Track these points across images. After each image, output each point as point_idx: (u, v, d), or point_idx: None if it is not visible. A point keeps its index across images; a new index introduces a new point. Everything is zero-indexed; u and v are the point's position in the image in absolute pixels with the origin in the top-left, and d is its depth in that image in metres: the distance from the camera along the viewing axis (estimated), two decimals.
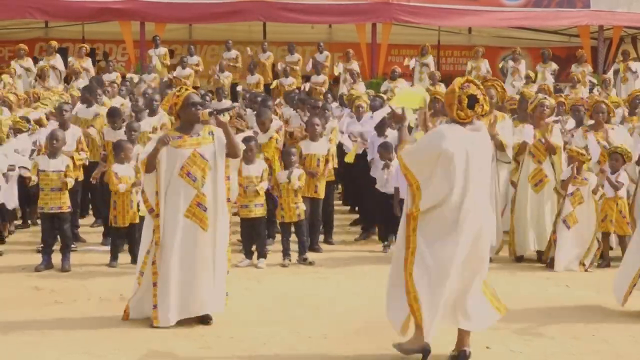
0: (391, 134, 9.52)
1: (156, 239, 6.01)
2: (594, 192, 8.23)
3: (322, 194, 9.00)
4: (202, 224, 5.99)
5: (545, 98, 8.87)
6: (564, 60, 19.93)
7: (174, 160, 5.99)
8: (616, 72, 18.25)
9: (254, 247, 8.35)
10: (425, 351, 5.16)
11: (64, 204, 8.03)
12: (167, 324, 5.94)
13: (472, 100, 5.10)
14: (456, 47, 21.89)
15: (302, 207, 8.46)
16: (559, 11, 19.17)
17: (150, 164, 5.98)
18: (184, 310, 6.01)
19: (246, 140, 8.21)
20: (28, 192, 9.32)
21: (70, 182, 8.06)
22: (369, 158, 9.68)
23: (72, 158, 8.51)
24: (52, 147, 8.05)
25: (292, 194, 8.35)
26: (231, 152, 6.09)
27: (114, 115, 9.35)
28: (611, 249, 8.62)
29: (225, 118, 6.27)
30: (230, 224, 8.89)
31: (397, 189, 8.66)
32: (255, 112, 11.07)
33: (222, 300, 6.15)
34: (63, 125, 8.92)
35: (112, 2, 17.61)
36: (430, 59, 17.82)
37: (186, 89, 6.17)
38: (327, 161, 9.01)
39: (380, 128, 9.64)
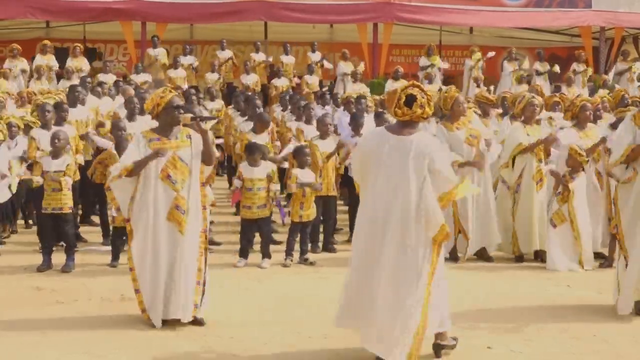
0: (370, 126, 9.53)
1: (130, 244, 6.08)
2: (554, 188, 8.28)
3: (335, 192, 9.06)
4: (180, 227, 5.97)
5: (533, 97, 8.90)
6: (565, 60, 19.91)
7: (152, 163, 5.97)
8: (618, 73, 18.26)
9: (253, 247, 8.36)
10: None
11: (65, 204, 8.00)
12: (158, 325, 5.96)
13: (410, 99, 5.11)
14: (457, 47, 21.87)
15: (315, 207, 8.51)
16: (560, 11, 19.15)
17: (137, 172, 5.97)
18: (166, 312, 6.00)
19: (250, 147, 8.26)
20: (31, 193, 9.36)
21: (66, 182, 7.96)
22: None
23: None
24: (55, 147, 8.03)
25: (313, 193, 8.39)
26: (206, 160, 6.06)
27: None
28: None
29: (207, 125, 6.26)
30: (231, 224, 8.90)
31: None
32: (240, 112, 11.12)
33: (189, 309, 5.99)
34: (46, 126, 8.80)
35: (113, 2, 17.60)
36: (437, 59, 17.85)
37: (170, 91, 6.16)
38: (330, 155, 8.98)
39: (355, 126, 9.62)
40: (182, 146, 6.03)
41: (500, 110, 10.76)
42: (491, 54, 17.67)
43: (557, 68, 17.90)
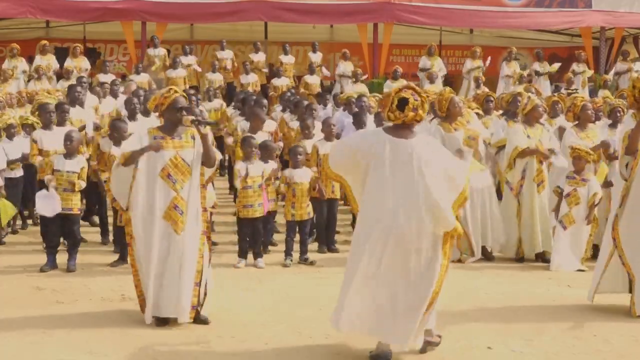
0: (370, 126, 9.53)
1: (129, 232, 6.07)
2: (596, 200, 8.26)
3: (338, 194, 8.99)
4: (176, 227, 5.96)
5: (536, 99, 8.95)
6: (565, 60, 19.93)
7: (155, 161, 5.99)
8: (617, 73, 18.24)
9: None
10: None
11: (75, 205, 7.94)
12: (147, 321, 5.98)
13: (402, 103, 5.10)
14: (458, 47, 21.90)
15: (310, 206, 8.48)
16: (560, 11, 19.16)
17: (132, 161, 6.00)
18: (156, 309, 6.00)
19: (242, 140, 8.26)
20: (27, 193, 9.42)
21: (80, 185, 7.93)
22: None
23: None
24: (67, 148, 7.94)
25: (305, 192, 8.36)
26: (206, 162, 6.07)
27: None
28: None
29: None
30: (230, 224, 8.87)
31: None
32: (240, 112, 11.10)
33: (186, 310, 5.97)
34: (48, 127, 8.65)
35: (113, 2, 17.60)
36: (439, 60, 17.84)
37: (175, 91, 6.16)
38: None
39: (358, 120, 9.59)
40: (185, 146, 6.04)
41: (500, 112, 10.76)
42: (488, 62, 17.63)
43: (555, 67, 17.85)
